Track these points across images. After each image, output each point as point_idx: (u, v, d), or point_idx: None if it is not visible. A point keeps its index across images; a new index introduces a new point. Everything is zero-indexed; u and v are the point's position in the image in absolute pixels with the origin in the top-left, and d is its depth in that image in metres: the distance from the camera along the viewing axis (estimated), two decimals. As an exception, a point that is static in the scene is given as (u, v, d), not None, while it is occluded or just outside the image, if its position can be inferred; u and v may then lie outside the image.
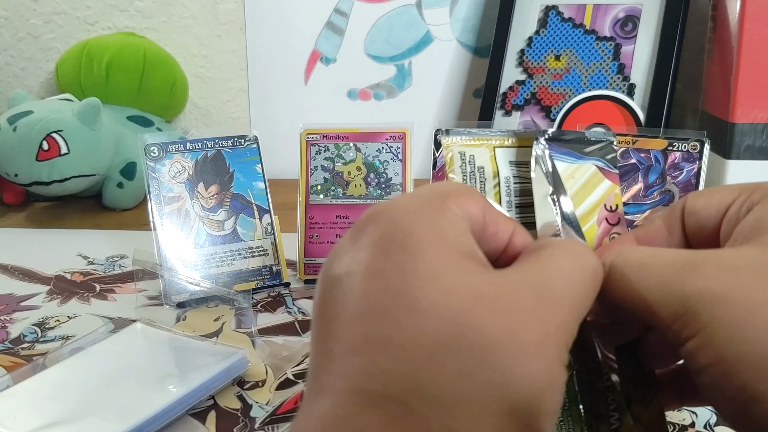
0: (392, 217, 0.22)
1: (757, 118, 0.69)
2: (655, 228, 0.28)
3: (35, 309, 0.58)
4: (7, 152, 0.78)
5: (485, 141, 0.29)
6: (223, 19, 1.01)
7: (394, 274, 0.21)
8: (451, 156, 0.29)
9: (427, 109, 1.00)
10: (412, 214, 0.22)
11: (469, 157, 0.29)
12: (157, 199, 0.59)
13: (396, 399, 0.19)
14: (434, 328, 0.20)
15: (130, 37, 0.98)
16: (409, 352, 0.19)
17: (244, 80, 1.03)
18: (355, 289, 0.21)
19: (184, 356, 0.48)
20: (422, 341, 0.20)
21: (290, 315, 0.56)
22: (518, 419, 0.19)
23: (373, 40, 0.99)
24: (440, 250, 0.21)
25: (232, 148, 0.62)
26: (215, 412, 0.43)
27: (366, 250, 0.22)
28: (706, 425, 0.41)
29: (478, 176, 0.29)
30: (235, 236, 0.60)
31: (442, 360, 0.19)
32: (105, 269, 0.67)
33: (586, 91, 0.83)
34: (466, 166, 0.28)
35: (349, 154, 0.62)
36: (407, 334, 0.20)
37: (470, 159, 0.29)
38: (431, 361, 0.19)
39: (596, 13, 0.84)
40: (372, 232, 0.22)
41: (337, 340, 0.21)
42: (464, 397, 0.19)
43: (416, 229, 0.21)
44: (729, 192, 0.26)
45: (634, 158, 0.57)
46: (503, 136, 0.30)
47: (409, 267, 0.21)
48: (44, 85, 1.07)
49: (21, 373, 0.44)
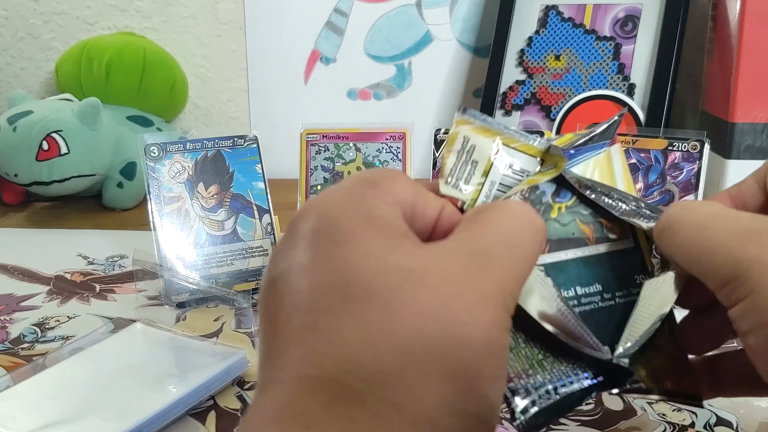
0: (320, 211, 0.23)
1: (757, 118, 0.69)
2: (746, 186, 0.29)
3: (35, 309, 0.58)
4: (7, 152, 0.78)
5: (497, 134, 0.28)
6: (223, 19, 1.01)
7: (325, 264, 0.21)
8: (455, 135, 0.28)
9: (427, 109, 1.00)
10: (338, 205, 0.23)
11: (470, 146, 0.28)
12: (157, 199, 0.59)
13: (334, 380, 0.19)
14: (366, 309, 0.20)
15: (130, 37, 0.98)
16: (343, 335, 0.20)
17: (244, 80, 1.03)
18: (290, 285, 0.22)
19: (184, 356, 0.48)
20: (356, 323, 0.20)
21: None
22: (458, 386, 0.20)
23: (373, 40, 0.99)
24: (368, 234, 0.22)
25: (232, 148, 0.62)
26: (215, 412, 0.43)
27: (297, 247, 0.22)
28: (706, 425, 0.41)
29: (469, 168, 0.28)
30: (235, 236, 0.60)
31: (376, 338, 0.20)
32: (105, 269, 0.67)
33: (586, 91, 0.83)
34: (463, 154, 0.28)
35: (349, 154, 0.62)
36: (341, 318, 0.20)
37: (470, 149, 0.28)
38: (366, 340, 0.20)
39: (596, 13, 0.84)
40: (302, 229, 0.23)
41: (277, 335, 0.21)
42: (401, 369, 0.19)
43: (343, 219, 0.22)
44: None
45: (634, 158, 0.57)
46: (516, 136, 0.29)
47: (338, 255, 0.21)
48: (44, 85, 1.07)
49: (21, 373, 0.44)
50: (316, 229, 0.22)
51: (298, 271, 0.22)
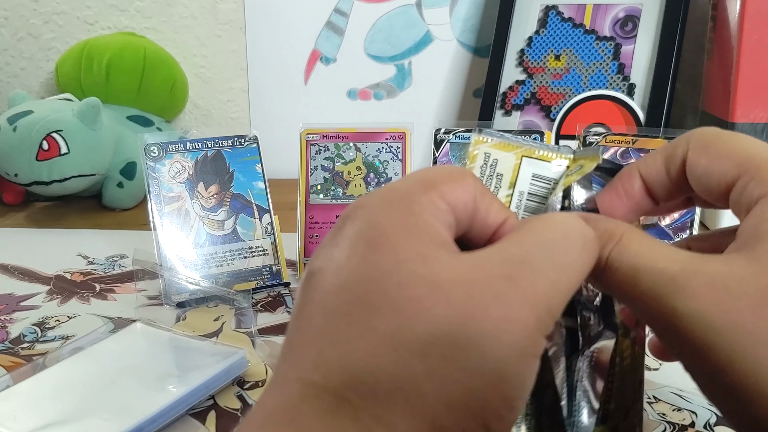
0: (367, 213, 0.22)
1: (757, 118, 0.69)
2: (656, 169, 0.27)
3: (35, 309, 0.58)
4: (7, 152, 0.78)
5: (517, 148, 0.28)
6: (223, 19, 1.01)
7: (358, 269, 0.21)
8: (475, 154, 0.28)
9: (427, 109, 1.00)
10: (386, 209, 0.22)
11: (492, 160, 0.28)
12: (157, 198, 0.59)
13: (333, 390, 0.19)
14: (379, 320, 0.19)
15: (130, 37, 0.98)
16: (353, 346, 0.19)
17: (244, 80, 1.03)
18: (323, 284, 0.21)
19: (184, 356, 0.48)
20: (365, 333, 0.19)
21: (290, 315, 0.56)
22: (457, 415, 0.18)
23: (373, 40, 0.99)
24: (405, 243, 0.21)
25: (232, 148, 0.62)
26: (215, 412, 0.43)
27: (339, 247, 0.22)
28: (706, 425, 0.41)
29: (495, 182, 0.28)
30: (235, 236, 0.60)
31: (378, 352, 0.19)
32: (105, 269, 0.67)
33: (586, 91, 0.83)
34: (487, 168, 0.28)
35: (349, 154, 0.62)
36: (354, 327, 0.20)
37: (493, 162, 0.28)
38: (372, 354, 0.19)
39: (596, 12, 0.84)
40: (348, 229, 0.22)
41: (299, 332, 0.21)
42: (398, 389, 0.19)
43: (386, 225, 0.21)
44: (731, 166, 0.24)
45: (634, 158, 0.57)
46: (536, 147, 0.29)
47: (372, 261, 0.21)
48: (44, 85, 1.07)
49: (21, 373, 0.44)
50: (360, 232, 0.22)
51: (333, 271, 0.21)
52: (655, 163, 0.27)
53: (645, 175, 0.27)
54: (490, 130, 0.28)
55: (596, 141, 0.58)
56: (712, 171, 0.25)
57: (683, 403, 0.43)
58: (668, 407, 0.43)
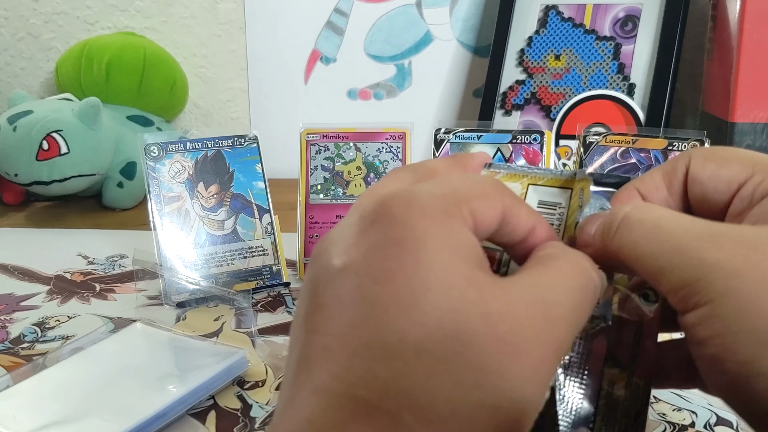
0: (406, 219, 0.21)
1: (757, 118, 0.69)
2: (654, 185, 0.27)
3: (35, 309, 0.58)
4: (7, 152, 0.78)
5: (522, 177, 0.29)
6: (223, 19, 1.01)
7: (404, 284, 0.20)
8: None
9: (427, 108, 1.00)
10: (428, 219, 0.21)
11: None
12: (157, 198, 0.59)
13: (388, 411, 0.19)
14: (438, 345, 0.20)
15: (130, 37, 0.98)
16: (410, 366, 0.19)
17: (244, 80, 1.03)
18: (361, 288, 0.21)
19: (184, 356, 0.48)
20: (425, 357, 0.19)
21: (290, 315, 0.56)
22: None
23: (373, 39, 0.99)
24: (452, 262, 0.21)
25: (232, 148, 0.62)
26: (215, 412, 0.43)
27: (375, 249, 0.21)
28: (706, 425, 0.41)
29: None
30: (235, 236, 0.60)
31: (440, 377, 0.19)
32: (105, 269, 0.67)
33: (586, 91, 0.83)
34: None
35: (349, 154, 0.62)
36: (411, 347, 0.20)
37: None
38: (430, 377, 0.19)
39: (596, 12, 0.84)
40: (382, 229, 0.21)
41: (336, 338, 0.21)
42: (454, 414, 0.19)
43: (429, 238, 0.21)
44: (742, 168, 0.26)
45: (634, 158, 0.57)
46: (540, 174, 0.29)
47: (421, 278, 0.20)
48: (44, 85, 1.07)
49: (21, 373, 0.44)
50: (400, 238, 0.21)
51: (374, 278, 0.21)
52: (653, 180, 0.28)
53: (644, 193, 0.28)
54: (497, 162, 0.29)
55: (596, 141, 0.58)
56: (720, 173, 0.26)
57: (683, 403, 0.43)
58: (668, 407, 0.43)
